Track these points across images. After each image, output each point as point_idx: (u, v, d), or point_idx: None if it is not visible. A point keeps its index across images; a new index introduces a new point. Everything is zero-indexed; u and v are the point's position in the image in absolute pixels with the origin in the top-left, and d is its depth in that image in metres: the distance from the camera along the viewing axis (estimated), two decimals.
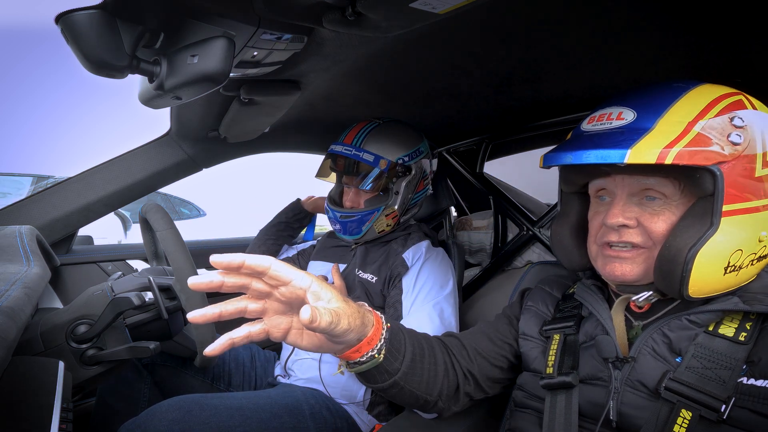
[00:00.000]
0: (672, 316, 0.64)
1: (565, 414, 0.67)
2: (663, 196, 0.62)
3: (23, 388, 0.55)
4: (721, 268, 0.58)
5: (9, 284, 0.62)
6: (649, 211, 0.63)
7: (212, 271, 0.51)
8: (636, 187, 0.64)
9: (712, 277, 0.59)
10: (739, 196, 0.58)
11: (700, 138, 0.58)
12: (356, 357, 0.62)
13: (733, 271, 0.59)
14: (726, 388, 0.56)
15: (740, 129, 0.59)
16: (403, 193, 1.17)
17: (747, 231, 0.58)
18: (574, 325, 0.74)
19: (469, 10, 0.58)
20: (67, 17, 0.50)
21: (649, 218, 0.63)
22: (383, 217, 1.17)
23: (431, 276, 1.11)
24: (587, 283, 0.77)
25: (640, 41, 0.76)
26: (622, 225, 0.63)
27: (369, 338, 0.62)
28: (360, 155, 1.13)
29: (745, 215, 0.58)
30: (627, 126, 0.61)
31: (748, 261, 0.60)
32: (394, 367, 0.68)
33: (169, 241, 0.84)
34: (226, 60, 0.59)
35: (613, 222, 0.63)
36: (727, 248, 0.58)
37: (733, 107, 0.60)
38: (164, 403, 0.84)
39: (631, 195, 0.64)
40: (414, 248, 1.16)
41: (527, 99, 1.12)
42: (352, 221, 1.17)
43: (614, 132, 0.62)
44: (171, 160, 1.28)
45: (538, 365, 0.76)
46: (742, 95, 0.63)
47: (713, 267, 0.58)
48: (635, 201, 0.64)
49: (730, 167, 0.57)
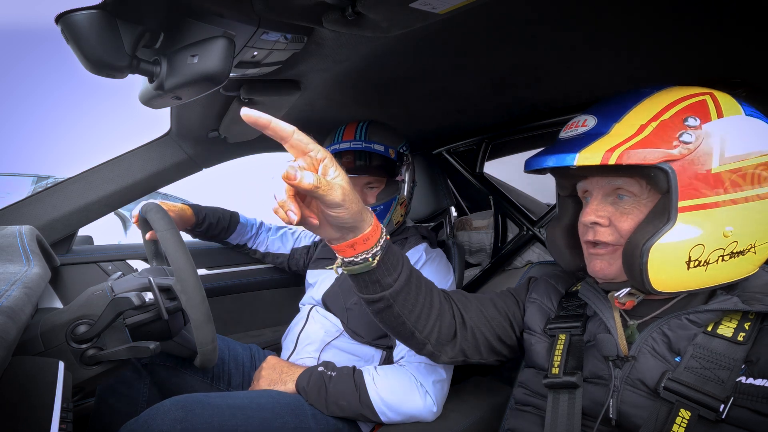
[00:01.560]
0: (671, 316, 0.65)
1: (568, 414, 0.67)
2: (632, 194, 0.65)
3: (23, 388, 0.55)
4: (682, 262, 0.60)
5: (9, 284, 0.62)
6: (621, 210, 0.66)
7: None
8: (609, 188, 0.67)
9: (675, 271, 0.61)
10: (695, 192, 0.60)
11: (649, 139, 0.61)
12: (350, 254, 0.64)
13: (698, 266, 0.60)
14: (725, 388, 0.56)
15: (693, 129, 0.60)
16: (408, 182, 1.19)
17: (706, 226, 0.60)
18: (581, 326, 0.75)
19: (469, 10, 0.58)
20: (67, 17, 0.51)
21: (619, 217, 0.66)
22: (399, 207, 1.18)
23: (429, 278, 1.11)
24: (590, 281, 0.77)
25: (639, 42, 0.76)
26: (594, 222, 0.67)
27: (365, 236, 0.63)
28: (372, 146, 1.12)
29: (703, 210, 0.60)
30: (587, 132, 0.66)
31: (715, 257, 0.60)
32: (387, 282, 0.69)
33: (169, 242, 0.84)
34: (226, 60, 0.59)
35: (586, 220, 0.68)
36: (684, 242, 0.60)
37: (691, 108, 0.62)
38: (166, 402, 0.84)
39: (606, 195, 0.68)
40: (412, 252, 1.16)
41: (527, 99, 1.12)
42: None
43: (578, 138, 0.66)
44: (171, 160, 1.28)
45: (542, 362, 0.76)
46: (709, 96, 0.63)
47: (672, 261, 0.60)
48: (610, 200, 0.68)
49: (682, 165, 0.59)
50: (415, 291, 0.74)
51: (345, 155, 1.16)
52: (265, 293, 1.62)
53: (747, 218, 0.60)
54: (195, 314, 0.82)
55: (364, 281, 0.68)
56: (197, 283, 0.83)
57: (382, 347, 1.14)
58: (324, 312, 1.19)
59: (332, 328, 1.15)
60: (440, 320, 0.78)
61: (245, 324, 1.57)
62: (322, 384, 0.98)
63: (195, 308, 0.82)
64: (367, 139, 1.14)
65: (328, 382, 0.98)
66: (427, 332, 0.76)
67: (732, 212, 0.60)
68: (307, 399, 0.98)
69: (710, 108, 0.62)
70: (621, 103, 0.67)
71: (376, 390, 0.95)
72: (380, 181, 1.18)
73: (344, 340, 1.14)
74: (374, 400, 0.95)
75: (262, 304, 1.62)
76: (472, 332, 0.80)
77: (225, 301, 1.54)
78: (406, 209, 1.22)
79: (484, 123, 1.37)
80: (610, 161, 0.59)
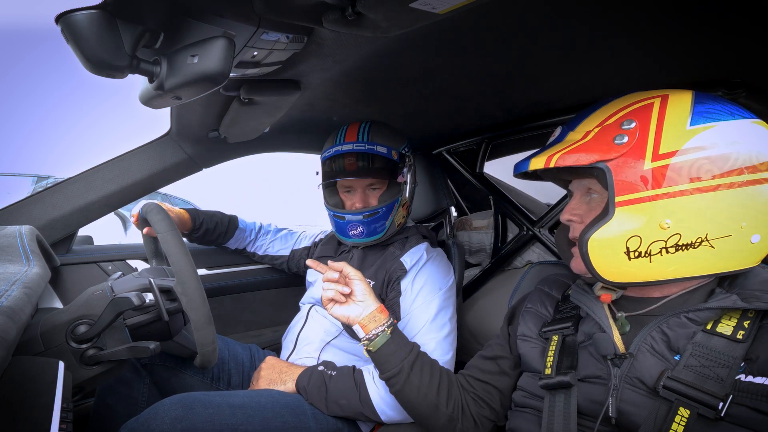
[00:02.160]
0: (670, 314, 0.65)
1: (564, 413, 0.67)
2: (597, 192, 0.71)
3: (23, 388, 0.55)
4: (621, 252, 0.64)
5: (9, 284, 0.63)
6: (590, 206, 0.72)
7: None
8: (583, 188, 0.74)
9: (616, 261, 0.65)
10: (630, 187, 0.63)
11: (588, 143, 0.67)
12: (367, 331, 0.88)
13: (640, 257, 0.63)
14: (724, 386, 0.57)
15: (626, 131, 0.65)
16: (409, 183, 1.19)
17: (642, 219, 0.63)
18: (572, 325, 0.75)
19: (469, 10, 0.58)
20: (67, 17, 0.50)
21: (587, 213, 0.72)
22: (400, 209, 1.17)
23: (430, 278, 1.11)
24: (580, 283, 0.79)
25: (639, 42, 0.76)
26: (568, 220, 0.74)
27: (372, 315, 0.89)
28: (374, 148, 1.11)
29: (639, 204, 0.63)
30: (553, 141, 0.75)
31: (656, 248, 0.63)
32: (401, 355, 0.86)
33: (169, 243, 0.84)
34: (226, 60, 0.59)
35: (562, 218, 0.75)
36: (619, 234, 0.64)
37: (632, 113, 0.66)
38: (166, 401, 0.84)
39: (583, 195, 0.74)
40: (412, 251, 1.16)
41: (527, 99, 1.12)
42: (375, 218, 1.13)
43: (547, 146, 0.74)
44: (171, 160, 1.28)
45: (537, 366, 0.76)
46: (660, 98, 0.66)
47: (609, 251, 0.65)
48: (586, 200, 0.73)
49: (617, 164, 0.64)
50: (429, 365, 0.88)
51: (347, 157, 1.14)
52: (265, 293, 1.62)
53: (687, 211, 0.61)
54: (195, 316, 0.82)
55: (383, 356, 0.86)
56: (198, 285, 0.83)
57: None
58: (323, 311, 1.19)
59: (332, 327, 1.15)
60: (462, 392, 0.86)
61: (245, 324, 1.57)
62: (322, 383, 0.98)
63: (195, 310, 0.82)
64: (369, 140, 1.13)
65: (329, 381, 0.98)
66: (451, 404, 0.83)
67: (669, 205, 0.62)
68: (307, 398, 0.98)
69: (653, 111, 0.65)
70: (585, 113, 0.73)
71: (377, 389, 0.95)
72: (383, 182, 1.17)
73: (344, 340, 1.14)
74: (374, 400, 0.95)
75: (262, 304, 1.62)
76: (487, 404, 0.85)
77: (225, 301, 1.54)
78: (407, 210, 1.22)
79: (484, 123, 1.37)
80: (550, 165, 0.67)
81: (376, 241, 1.17)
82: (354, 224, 1.14)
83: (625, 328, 0.69)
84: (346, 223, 1.15)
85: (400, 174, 1.17)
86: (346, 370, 1.00)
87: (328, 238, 1.38)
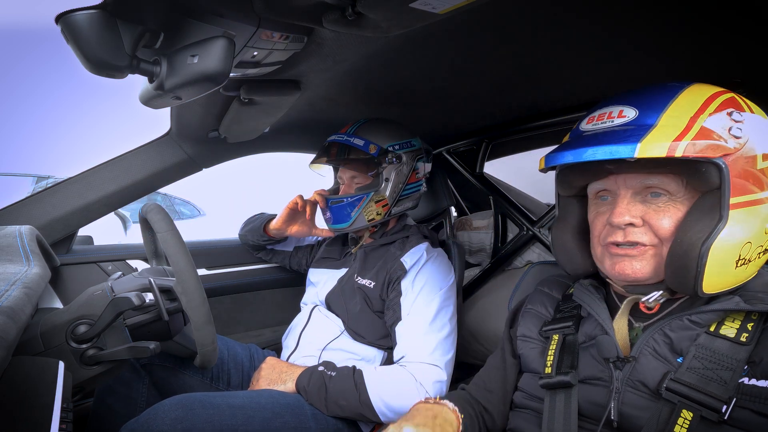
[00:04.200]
0: (673, 317, 0.64)
1: (564, 414, 0.67)
2: (667, 192, 0.62)
3: (23, 388, 0.55)
4: (733, 261, 0.59)
5: (9, 284, 0.62)
6: (654, 209, 0.63)
7: None
8: (639, 185, 0.64)
9: (725, 271, 0.59)
10: (744, 188, 0.58)
11: (705, 132, 0.58)
12: None
13: (743, 264, 0.60)
14: (727, 388, 0.56)
15: (739, 123, 0.59)
16: (393, 181, 1.18)
17: (754, 222, 0.59)
18: (572, 325, 0.74)
19: (469, 10, 0.58)
20: (67, 17, 0.50)
21: (655, 216, 0.63)
22: (373, 204, 1.17)
23: (430, 278, 1.11)
24: (584, 283, 0.76)
25: (640, 42, 0.76)
26: (629, 223, 0.63)
27: None
28: (351, 140, 1.16)
29: (751, 207, 0.59)
30: (630, 123, 0.61)
31: (756, 253, 0.60)
32: None
33: (169, 243, 0.83)
34: (226, 60, 0.59)
35: (620, 221, 0.63)
36: (737, 241, 0.58)
37: (728, 104, 0.62)
38: (166, 402, 0.84)
39: (635, 193, 0.64)
40: (412, 252, 1.16)
41: (527, 99, 1.12)
42: (341, 206, 1.19)
43: (618, 129, 0.61)
44: (171, 160, 1.28)
45: (537, 365, 0.76)
46: (734, 94, 0.63)
47: (726, 260, 0.58)
48: (639, 199, 0.64)
49: (733, 160, 0.58)
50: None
51: (332, 146, 1.20)
52: (265, 293, 1.62)
53: None
54: (195, 316, 0.82)
55: None
56: (198, 285, 0.83)
57: (383, 348, 1.14)
58: (326, 312, 1.19)
59: (334, 328, 1.15)
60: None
61: (245, 324, 1.57)
62: (322, 384, 0.98)
63: (195, 310, 0.82)
64: (354, 134, 1.18)
65: (328, 382, 0.98)
66: None
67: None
68: (307, 399, 0.98)
69: (743, 104, 0.62)
70: (657, 94, 0.63)
71: (376, 390, 0.95)
72: (365, 176, 1.21)
73: (345, 341, 1.14)
74: (374, 400, 0.94)
75: (262, 304, 1.62)
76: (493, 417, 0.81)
77: (225, 301, 1.54)
78: (386, 209, 1.19)
79: (484, 123, 1.37)
80: (676, 153, 0.55)
81: (343, 230, 1.22)
82: (325, 209, 1.24)
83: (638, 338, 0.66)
84: (323, 209, 1.25)
85: (377, 168, 1.18)
86: (346, 371, 1.00)
87: (333, 239, 1.38)
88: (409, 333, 1.04)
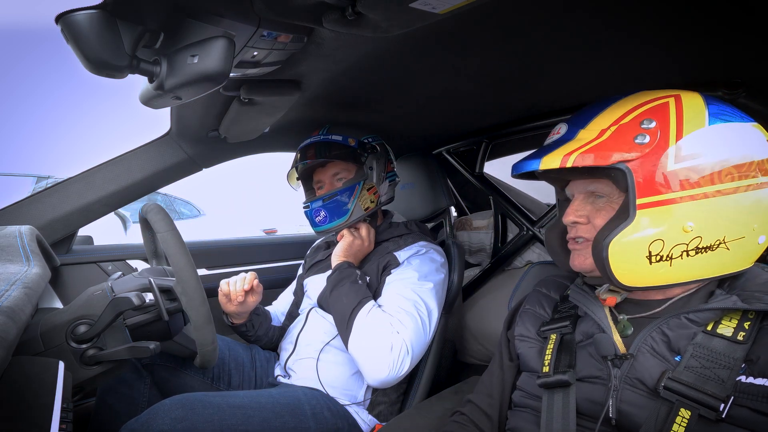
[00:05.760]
0: (671, 315, 0.65)
1: (563, 412, 0.67)
2: (605, 195, 0.69)
3: (23, 388, 0.55)
4: (642, 257, 0.62)
5: (9, 284, 0.62)
6: (596, 208, 0.70)
7: None
8: (584, 189, 0.72)
9: (636, 266, 0.63)
10: (652, 189, 0.61)
11: (606, 142, 0.64)
12: None
13: (661, 260, 0.62)
14: (725, 387, 0.56)
15: (647, 131, 0.62)
16: (377, 169, 1.20)
17: (665, 222, 0.61)
18: (570, 324, 0.75)
19: (469, 10, 0.58)
20: (67, 17, 0.50)
21: (595, 214, 0.70)
22: (366, 192, 1.19)
23: (419, 266, 1.13)
24: (579, 283, 0.79)
25: (640, 42, 0.76)
26: (573, 222, 0.72)
27: None
28: (330, 137, 1.19)
29: (661, 207, 0.61)
30: (559, 138, 0.71)
31: (678, 251, 0.62)
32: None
33: (170, 243, 0.84)
34: (226, 60, 0.59)
35: (566, 220, 0.73)
36: (642, 237, 0.62)
37: (650, 111, 0.64)
38: (167, 401, 0.84)
39: (586, 196, 0.72)
40: (408, 248, 1.18)
41: (527, 99, 1.12)
42: (336, 201, 1.17)
43: (552, 144, 0.71)
44: (171, 160, 1.28)
45: (535, 365, 0.76)
46: (673, 98, 0.65)
47: (631, 255, 0.63)
48: (589, 201, 0.71)
49: (638, 164, 0.62)
50: None
51: (308, 149, 1.20)
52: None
53: (709, 213, 0.61)
54: (195, 316, 0.82)
55: None
56: (198, 285, 0.83)
57: None
58: (323, 313, 1.19)
59: (330, 328, 1.15)
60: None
61: None
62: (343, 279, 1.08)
63: (195, 310, 0.82)
64: (327, 133, 1.20)
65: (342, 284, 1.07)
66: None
67: (691, 208, 0.61)
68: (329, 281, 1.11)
69: (670, 110, 0.64)
70: (591, 110, 0.71)
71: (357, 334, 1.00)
72: (346, 170, 1.22)
73: (341, 341, 1.14)
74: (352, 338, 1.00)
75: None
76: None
77: None
78: (379, 197, 1.22)
79: (484, 123, 1.37)
80: (567, 164, 0.64)
81: (340, 226, 1.18)
82: (317, 210, 1.19)
83: (627, 331, 0.68)
84: (311, 212, 1.20)
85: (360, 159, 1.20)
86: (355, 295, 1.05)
87: (316, 246, 1.40)
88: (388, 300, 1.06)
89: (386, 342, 0.97)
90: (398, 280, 1.09)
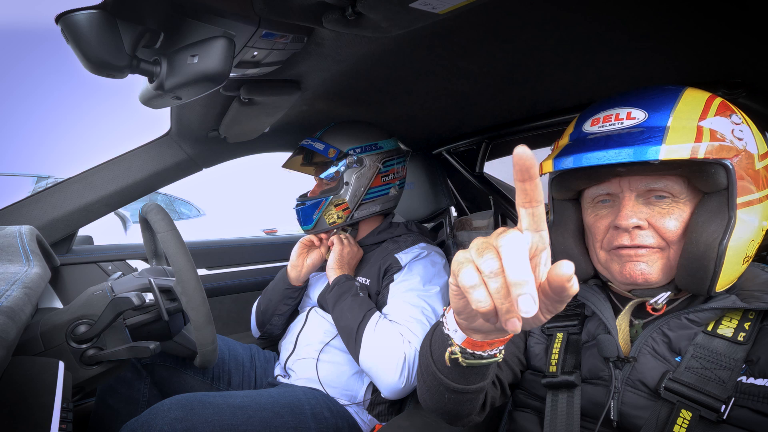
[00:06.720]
0: (671, 315, 0.65)
1: (567, 413, 0.67)
2: (671, 194, 0.63)
3: (23, 388, 0.55)
4: (741, 259, 0.60)
5: (9, 284, 0.62)
6: (658, 211, 0.63)
7: None
8: (643, 188, 0.63)
9: (734, 269, 0.60)
10: (745, 188, 0.60)
11: (714, 135, 0.58)
12: (485, 348, 0.51)
13: (747, 261, 0.62)
14: (726, 388, 0.56)
15: (739, 125, 0.61)
16: (353, 185, 1.18)
17: (755, 221, 0.61)
18: (578, 324, 0.74)
19: (469, 10, 0.58)
20: (67, 17, 0.50)
21: (660, 218, 0.62)
22: (333, 208, 1.18)
23: (422, 271, 1.12)
24: (589, 282, 0.76)
25: (640, 42, 0.76)
26: (636, 226, 0.62)
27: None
28: (312, 144, 1.19)
29: (753, 206, 0.60)
30: (641, 125, 0.61)
31: (754, 250, 0.62)
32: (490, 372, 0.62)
33: (170, 243, 0.84)
34: (226, 60, 0.59)
35: (627, 223, 0.62)
36: (745, 239, 0.60)
37: (725, 107, 0.62)
38: (167, 402, 0.84)
39: (638, 196, 0.64)
40: (409, 250, 1.17)
41: (527, 99, 1.12)
42: (304, 209, 1.21)
43: (633, 131, 0.60)
44: (171, 160, 1.28)
45: (540, 363, 0.76)
46: (719, 99, 0.64)
47: (737, 259, 0.60)
48: (642, 201, 0.64)
49: (737, 161, 0.58)
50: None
51: (301, 150, 1.26)
52: None
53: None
54: (195, 316, 0.82)
55: (473, 373, 0.58)
56: (198, 285, 0.83)
57: None
58: (323, 313, 1.19)
59: (330, 328, 1.15)
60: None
61: (245, 324, 1.57)
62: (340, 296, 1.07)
63: (195, 310, 0.82)
64: (320, 138, 1.20)
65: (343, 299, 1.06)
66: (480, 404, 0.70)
67: (765, 207, 0.61)
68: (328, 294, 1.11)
69: (735, 108, 0.63)
70: (660, 97, 0.63)
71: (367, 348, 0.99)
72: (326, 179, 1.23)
73: (341, 341, 1.14)
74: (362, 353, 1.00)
75: None
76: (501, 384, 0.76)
77: (225, 301, 1.54)
78: (347, 212, 1.18)
79: (484, 123, 1.37)
80: (699, 155, 0.56)
81: (308, 231, 1.23)
82: (298, 209, 1.24)
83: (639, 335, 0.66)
84: (296, 209, 1.26)
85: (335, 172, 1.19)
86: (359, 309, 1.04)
87: None
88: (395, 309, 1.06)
89: (398, 353, 0.96)
90: (403, 288, 1.09)
